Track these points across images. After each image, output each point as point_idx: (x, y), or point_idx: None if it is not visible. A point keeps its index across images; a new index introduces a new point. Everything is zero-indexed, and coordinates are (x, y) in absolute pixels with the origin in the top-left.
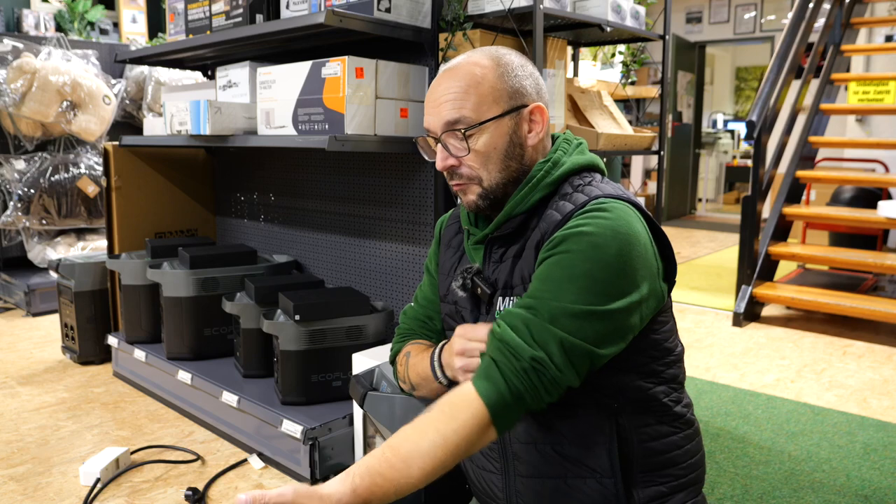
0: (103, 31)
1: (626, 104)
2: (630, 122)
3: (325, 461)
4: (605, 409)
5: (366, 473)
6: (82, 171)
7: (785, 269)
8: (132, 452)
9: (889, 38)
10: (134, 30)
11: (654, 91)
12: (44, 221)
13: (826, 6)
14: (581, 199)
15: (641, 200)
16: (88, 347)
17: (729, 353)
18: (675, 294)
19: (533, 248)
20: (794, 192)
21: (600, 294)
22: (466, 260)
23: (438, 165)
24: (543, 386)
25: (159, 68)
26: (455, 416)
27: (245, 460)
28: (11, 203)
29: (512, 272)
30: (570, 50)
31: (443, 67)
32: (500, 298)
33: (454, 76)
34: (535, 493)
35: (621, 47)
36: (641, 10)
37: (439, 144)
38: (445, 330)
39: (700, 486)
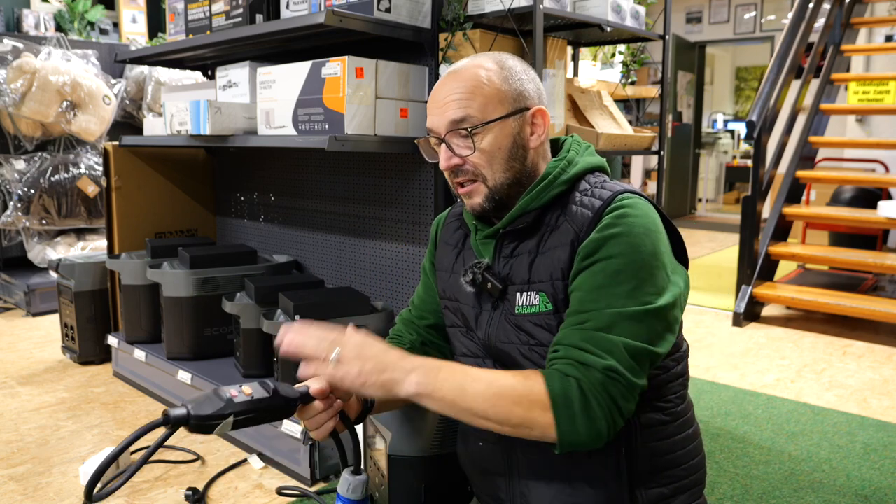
0: (103, 31)
1: (626, 104)
2: (630, 122)
3: (325, 461)
4: None
5: (430, 363)
6: (82, 171)
7: (785, 269)
8: (132, 452)
9: (889, 38)
10: (134, 30)
11: (654, 91)
12: (44, 221)
13: (826, 6)
14: (606, 195)
15: None
16: (88, 347)
17: (729, 353)
18: None
19: (567, 245)
20: (794, 192)
21: (649, 293)
22: (468, 256)
23: (442, 165)
24: (621, 394)
25: (159, 68)
26: (520, 402)
27: (245, 460)
28: (11, 203)
29: (530, 267)
30: (570, 50)
31: (446, 70)
32: (519, 293)
33: (458, 78)
34: (539, 495)
35: (621, 47)
36: (641, 10)
37: (443, 144)
38: (447, 327)
39: (701, 489)
